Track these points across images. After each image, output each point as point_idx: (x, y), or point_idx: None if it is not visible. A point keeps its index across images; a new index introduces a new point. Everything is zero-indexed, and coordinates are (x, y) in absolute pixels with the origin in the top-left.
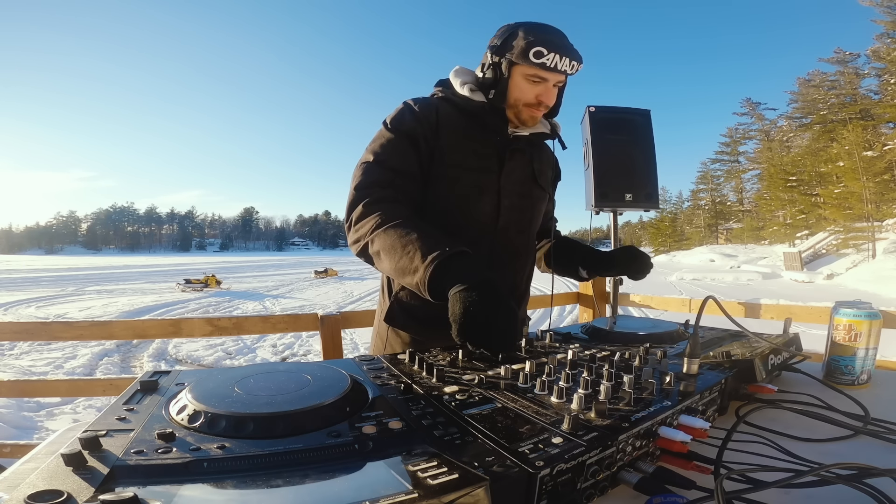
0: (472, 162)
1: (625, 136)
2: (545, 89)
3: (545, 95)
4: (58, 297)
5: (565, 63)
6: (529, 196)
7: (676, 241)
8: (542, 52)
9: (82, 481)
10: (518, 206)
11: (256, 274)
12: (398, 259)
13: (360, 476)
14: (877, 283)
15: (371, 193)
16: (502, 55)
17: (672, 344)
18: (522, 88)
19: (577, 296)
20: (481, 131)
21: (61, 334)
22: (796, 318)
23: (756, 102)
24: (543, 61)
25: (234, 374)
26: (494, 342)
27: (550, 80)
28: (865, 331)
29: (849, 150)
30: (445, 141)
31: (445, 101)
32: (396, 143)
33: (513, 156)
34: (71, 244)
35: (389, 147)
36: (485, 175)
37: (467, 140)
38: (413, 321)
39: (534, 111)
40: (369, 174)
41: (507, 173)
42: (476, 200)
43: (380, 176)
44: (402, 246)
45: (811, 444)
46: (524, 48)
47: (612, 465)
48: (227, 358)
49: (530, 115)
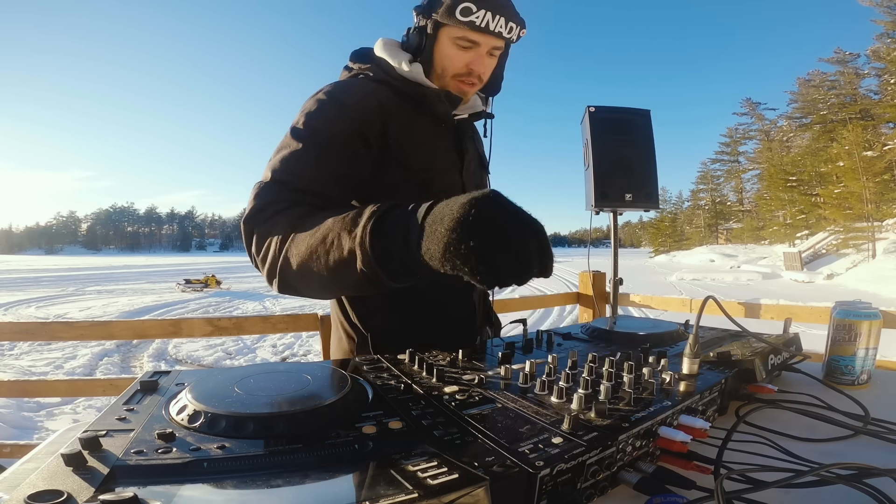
0: (434, 160)
1: (625, 136)
2: (476, 56)
3: (477, 63)
4: (58, 297)
5: (499, 23)
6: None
7: (676, 241)
8: (469, 9)
9: (82, 481)
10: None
11: (256, 274)
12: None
13: (360, 476)
14: (877, 283)
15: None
16: (427, 14)
17: (672, 344)
18: (450, 55)
19: (577, 296)
20: (433, 121)
21: (61, 334)
22: (796, 318)
23: (756, 102)
24: (472, 19)
25: (234, 374)
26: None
27: (483, 44)
28: (865, 331)
29: (849, 150)
30: (398, 139)
31: (379, 83)
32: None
33: (467, 146)
34: (71, 244)
35: (295, 161)
36: (450, 175)
37: (421, 133)
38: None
39: (463, 84)
40: (263, 196)
41: (466, 167)
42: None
43: (277, 195)
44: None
45: (811, 444)
46: (450, 4)
47: (612, 465)
48: (227, 358)
49: (459, 89)
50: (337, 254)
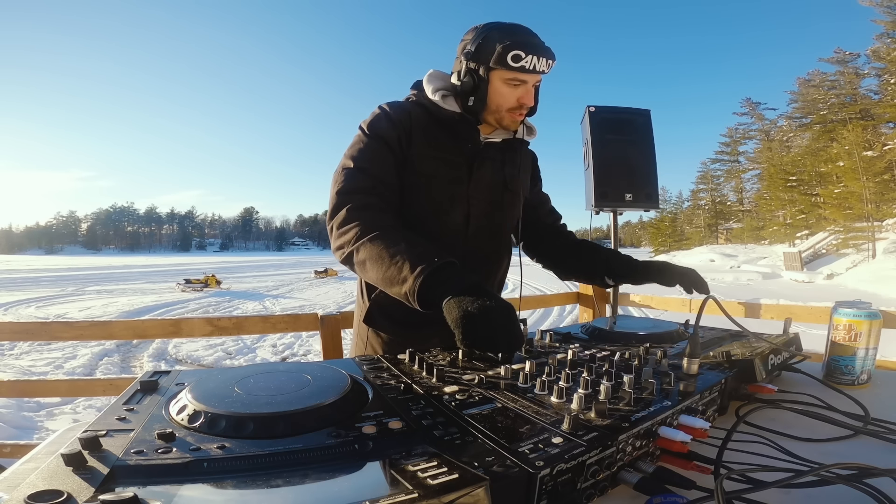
0: (442, 172)
1: (625, 136)
2: (525, 91)
3: (526, 97)
4: (58, 297)
5: (543, 63)
6: (500, 203)
7: (676, 241)
8: (520, 56)
9: (82, 481)
10: (488, 214)
11: (256, 274)
12: (385, 269)
13: (360, 476)
14: (877, 283)
15: (354, 199)
16: (478, 61)
17: (672, 344)
18: (503, 93)
19: (577, 296)
20: (452, 139)
21: (61, 334)
22: (796, 318)
23: (756, 102)
24: (522, 64)
25: (234, 374)
26: (500, 342)
27: (529, 81)
28: (865, 331)
29: (849, 150)
30: (416, 149)
31: (419, 105)
32: (376, 149)
33: (483, 164)
34: (71, 244)
35: (369, 153)
36: (455, 185)
37: (438, 149)
38: (391, 322)
39: (516, 115)
40: (351, 179)
41: (476, 182)
42: (446, 210)
43: (363, 182)
44: (389, 256)
45: (811, 444)
46: (501, 53)
47: (612, 465)
48: (227, 358)
49: (512, 120)
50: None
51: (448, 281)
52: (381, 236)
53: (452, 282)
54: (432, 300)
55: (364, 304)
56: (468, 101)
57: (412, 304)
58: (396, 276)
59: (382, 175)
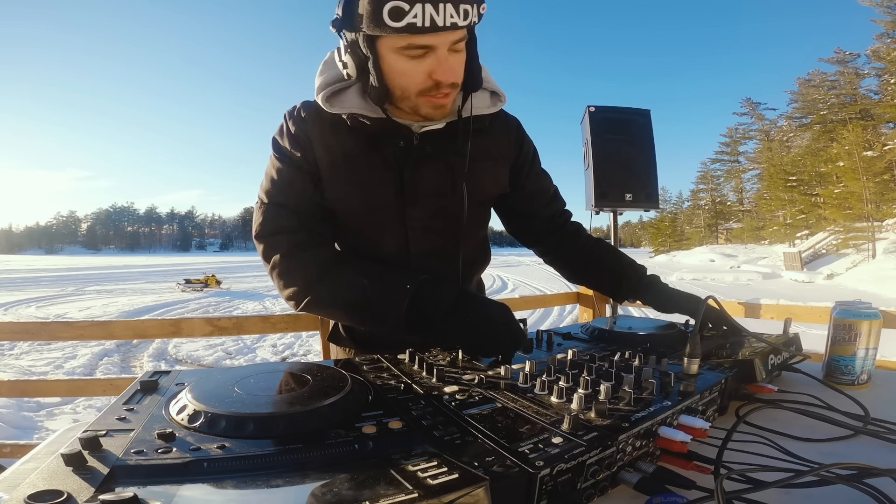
0: (355, 195)
1: (625, 136)
2: (435, 62)
3: (441, 70)
4: (58, 297)
5: (445, 12)
6: (450, 207)
7: (676, 241)
8: (401, 9)
9: (82, 481)
10: (434, 229)
11: (256, 274)
12: (359, 313)
13: (360, 476)
14: (877, 283)
15: (281, 245)
16: (353, 29)
17: (672, 344)
18: (402, 70)
19: (577, 296)
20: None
21: (61, 334)
22: (796, 318)
23: (756, 102)
24: (410, 21)
25: (234, 374)
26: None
27: (437, 45)
28: (865, 331)
29: (849, 150)
30: (320, 168)
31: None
32: (288, 177)
33: (419, 168)
34: (71, 244)
35: (282, 183)
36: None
37: (346, 163)
38: (355, 342)
39: (436, 98)
40: (271, 220)
41: (411, 196)
42: (376, 239)
43: (284, 221)
44: (358, 299)
45: (811, 444)
46: (372, 9)
47: (612, 465)
48: (227, 358)
49: (433, 105)
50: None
51: (431, 299)
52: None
53: (436, 299)
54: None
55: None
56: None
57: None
58: (374, 318)
59: (303, 207)
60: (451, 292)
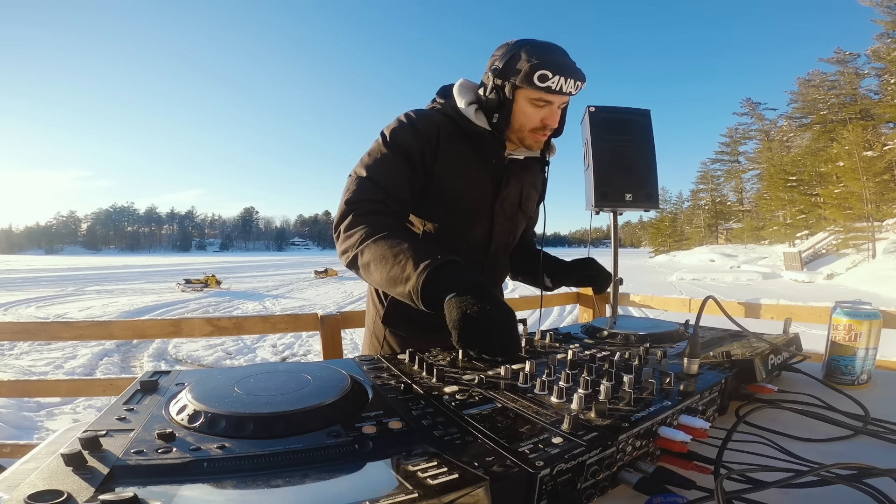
0: (468, 189)
1: (625, 136)
2: (550, 112)
3: (550, 119)
4: (58, 297)
5: (570, 85)
6: (515, 221)
7: (676, 241)
8: (546, 76)
9: (82, 481)
10: (507, 231)
11: (256, 274)
12: (389, 269)
13: (360, 476)
14: (877, 283)
15: (361, 207)
16: (505, 78)
17: (672, 344)
18: (527, 113)
19: (577, 296)
20: (480, 155)
21: (61, 334)
22: (796, 318)
23: (756, 102)
24: (549, 85)
25: (234, 374)
26: (495, 345)
27: (555, 102)
28: (865, 331)
29: (849, 150)
30: (443, 164)
31: (446, 116)
32: (392, 162)
33: (508, 182)
34: (71, 244)
35: (384, 164)
36: (480, 203)
37: (465, 164)
38: (412, 323)
39: (539, 136)
40: (361, 190)
41: (501, 200)
42: (469, 226)
43: (372, 193)
44: (392, 256)
45: (811, 444)
46: (528, 72)
47: (612, 465)
48: (227, 358)
49: (535, 140)
50: (398, 271)
51: (451, 279)
52: (386, 237)
53: (455, 280)
54: (435, 299)
55: (381, 305)
56: (492, 118)
57: (416, 304)
58: (399, 275)
59: (394, 189)
60: (470, 277)
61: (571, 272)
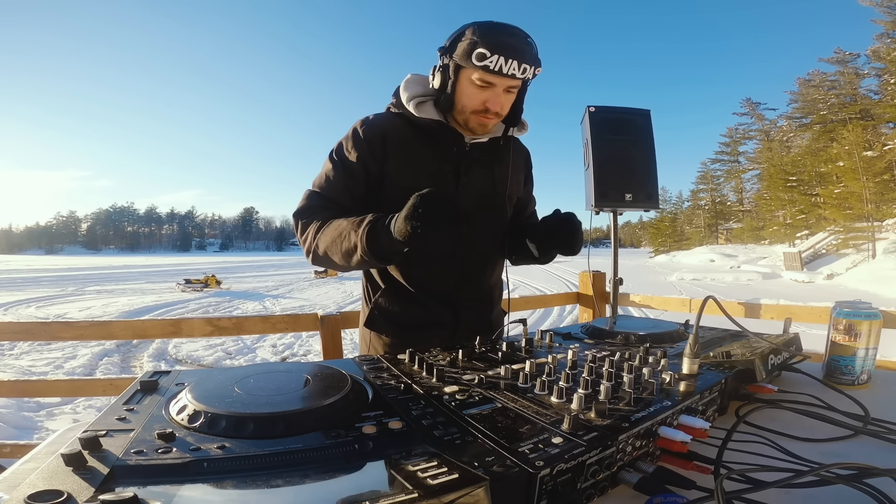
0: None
1: (625, 136)
2: (493, 95)
3: (493, 102)
4: (58, 297)
5: (512, 66)
6: (490, 206)
7: (676, 241)
8: (484, 55)
9: (82, 481)
10: (478, 220)
11: (256, 274)
12: (340, 245)
13: (360, 476)
14: (877, 283)
15: (306, 214)
16: (450, 57)
17: (672, 344)
18: (469, 94)
19: (577, 296)
20: (436, 145)
21: (61, 334)
22: (796, 318)
23: (756, 102)
24: (486, 64)
25: (234, 374)
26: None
27: (499, 84)
28: (865, 331)
29: (849, 150)
30: (393, 164)
31: (398, 116)
32: (333, 175)
33: (470, 168)
34: (71, 244)
35: (326, 178)
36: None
37: (420, 159)
38: (393, 325)
39: (482, 118)
40: (307, 200)
41: (465, 187)
42: None
43: (316, 201)
44: (338, 234)
45: (811, 444)
46: (467, 49)
47: (612, 465)
48: (227, 358)
49: (478, 123)
50: (347, 244)
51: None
52: (328, 225)
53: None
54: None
55: (366, 308)
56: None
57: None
58: (349, 247)
59: (335, 197)
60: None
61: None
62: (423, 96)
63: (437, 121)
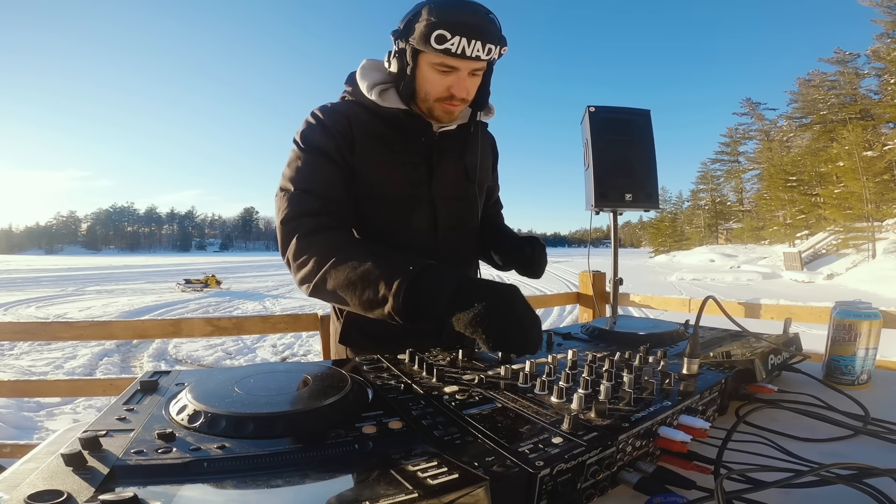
0: (395, 177)
1: (625, 136)
2: (457, 80)
3: (457, 87)
4: (58, 297)
5: (476, 47)
6: (465, 197)
7: (676, 241)
8: (444, 37)
9: (82, 481)
10: (455, 211)
11: (256, 274)
12: (360, 294)
13: (360, 476)
14: (877, 283)
15: (302, 226)
16: (406, 41)
17: (672, 344)
18: (431, 80)
19: (577, 296)
20: (403, 136)
21: (61, 334)
22: (796, 318)
23: (756, 102)
24: (448, 47)
25: (234, 374)
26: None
27: (462, 68)
28: (865, 331)
29: (849, 150)
30: (361, 156)
31: (356, 105)
32: (315, 166)
33: (442, 157)
34: (71, 244)
35: (309, 170)
36: (414, 188)
37: (387, 151)
38: (369, 340)
39: (447, 105)
40: (295, 205)
41: (439, 179)
42: (408, 217)
43: (308, 206)
44: (360, 278)
45: (811, 444)
46: (425, 32)
47: (612, 465)
48: (227, 358)
49: (444, 111)
50: (371, 294)
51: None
52: (344, 258)
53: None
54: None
55: (338, 324)
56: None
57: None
58: (374, 298)
59: (329, 193)
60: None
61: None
62: (384, 83)
63: (403, 109)
